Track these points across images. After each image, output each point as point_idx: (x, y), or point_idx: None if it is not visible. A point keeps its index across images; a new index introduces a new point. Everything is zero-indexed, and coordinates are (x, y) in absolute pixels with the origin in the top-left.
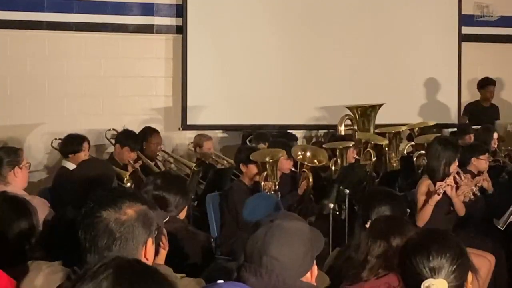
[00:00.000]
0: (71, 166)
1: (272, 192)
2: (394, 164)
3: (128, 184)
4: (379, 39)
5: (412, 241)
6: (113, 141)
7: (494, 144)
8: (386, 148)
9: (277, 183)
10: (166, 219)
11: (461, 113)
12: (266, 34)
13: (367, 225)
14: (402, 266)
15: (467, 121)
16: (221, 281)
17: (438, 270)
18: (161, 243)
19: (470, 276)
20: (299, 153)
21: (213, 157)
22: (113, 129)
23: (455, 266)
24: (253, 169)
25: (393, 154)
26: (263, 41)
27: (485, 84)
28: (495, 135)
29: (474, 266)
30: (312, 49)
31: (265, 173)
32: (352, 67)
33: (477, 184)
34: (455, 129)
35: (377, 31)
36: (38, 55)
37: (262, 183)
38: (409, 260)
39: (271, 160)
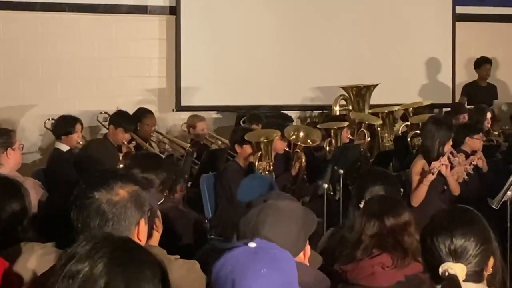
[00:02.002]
0: (64, 147)
1: (267, 173)
2: (387, 144)
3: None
4: (374, 19)
5: (438, 218)
6: (105, 124)
7: (487, 124)
8: (379, 128)
9: (271, 163)
10: (162, 201)
11: (457, 93)
12: (260, 14)
13: (361, 205)
14: (423, 244)
15: (466, 102)
16: (253, 244)
17: (460, 254)
18: (154, 226)
19: (491, 261)
20: (292, 133)
21: (207, 138)
22: (105, 112)
23: (478, 251)
24: (248, 149)
25: (386, 134)
26: (257, 21)
27: (481, 63)
28: (489, 115)
29: (497, 250)
30: (307, 30)
31: (260, 153)
32: (347, 47)
33: (472, 163)
34: (450, 109)
35: (371, 11)
36: (31, 37)
37: (257, 163)
38: (430, 239)
39: (266, 140)
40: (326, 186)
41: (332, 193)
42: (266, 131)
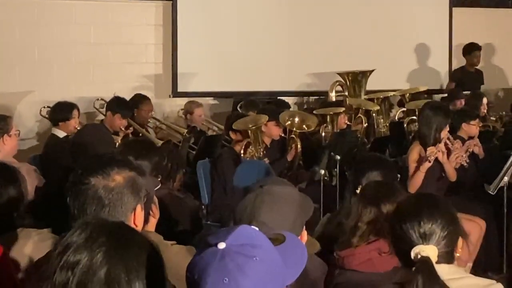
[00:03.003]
0: (61, 134)
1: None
2: (383, 130)
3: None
4: (370, 4)
5: (404, 205)
6: (102, 110)
7: (483, 110)
8: (374, 114)
9: (261, 150)
10: (158, 187)
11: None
12: (257, 0)
13: (358, 191)
14: (392, 231)
15: (454, 87)
16: (222, 245)
17: (429, 236)
18: (151, 211)
19: (460, 241)
20: (287, 119)
21: (204, 124)
22: (102, 99)
23: (446, 232)
24: (241, 136)
25: (382, 120)
26: (254, 7)
27: (471, 49)
28: (485, 100)
29: (465, 231)
30: (303, 16)
31: (246, 141)
32: (343, 33)
33: (468, 150)
34: (446, 95)
35: None
36: (28, 22)
37: (242, 151)
38: (399, 225)
39: (254, 127)
40: (322, 172)
41: (328, 179)
42: (253, 117)
